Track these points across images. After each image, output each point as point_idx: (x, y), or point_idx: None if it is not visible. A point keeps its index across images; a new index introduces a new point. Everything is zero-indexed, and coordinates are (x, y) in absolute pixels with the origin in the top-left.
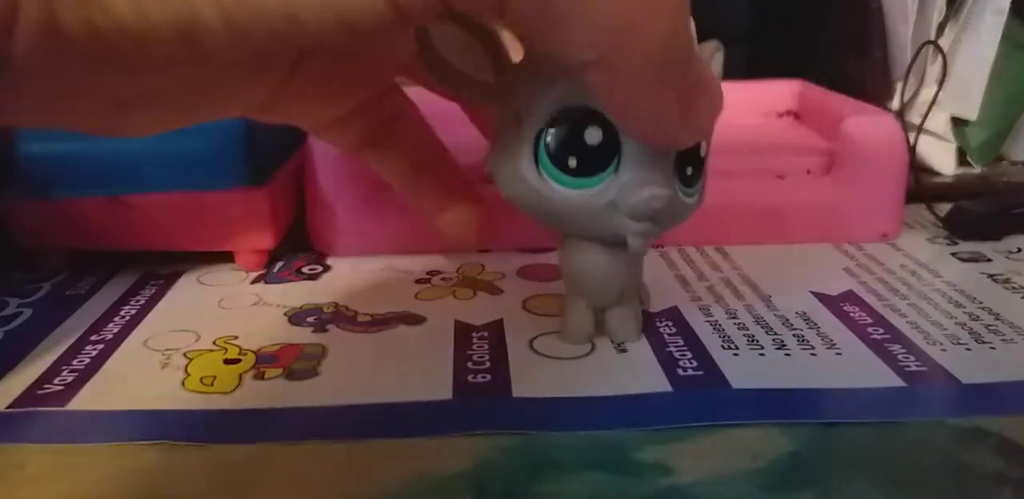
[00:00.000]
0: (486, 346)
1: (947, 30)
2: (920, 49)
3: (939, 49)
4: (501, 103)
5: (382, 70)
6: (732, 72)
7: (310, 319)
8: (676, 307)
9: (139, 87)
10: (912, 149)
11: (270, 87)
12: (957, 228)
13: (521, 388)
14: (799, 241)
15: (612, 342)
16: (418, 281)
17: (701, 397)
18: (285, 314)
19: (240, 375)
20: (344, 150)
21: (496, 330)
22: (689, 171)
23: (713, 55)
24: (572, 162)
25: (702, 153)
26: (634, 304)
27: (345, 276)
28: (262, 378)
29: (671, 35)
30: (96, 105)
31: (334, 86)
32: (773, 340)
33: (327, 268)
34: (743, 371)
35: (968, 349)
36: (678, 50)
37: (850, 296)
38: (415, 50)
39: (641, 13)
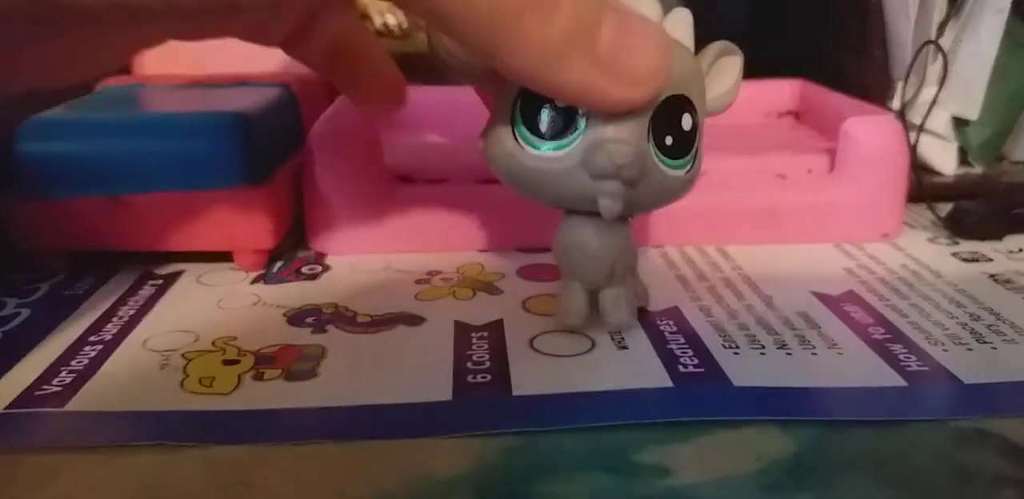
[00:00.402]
0: (486, 346)
1: (948, 29)
2: (921, 48)
3: (940, 49)
4: (498, 85)
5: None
6: None
7: (309, 320)
8: (677, 307)
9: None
10: (913, 149)
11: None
12: (958, 228)
13: (521, 388)
14: (800, 241)
15: (608, 332)
16: (418, 281)
17: (702, 392)
18: (284, 314)
19: (239, 376)
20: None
21: (496, 330)
22: (669, 141)
23: (720, 57)
24: (543, 125)
25: (684, 125)
26: (627, 286)
27: (344, 276)
28: (261, 379)
29: (566, 6)
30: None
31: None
32: (774, 340)
33: (326, 268)
34: (744, 369)
35: (969, 349)
36: (578, 19)
37: (851, 296)
38: None
39: None
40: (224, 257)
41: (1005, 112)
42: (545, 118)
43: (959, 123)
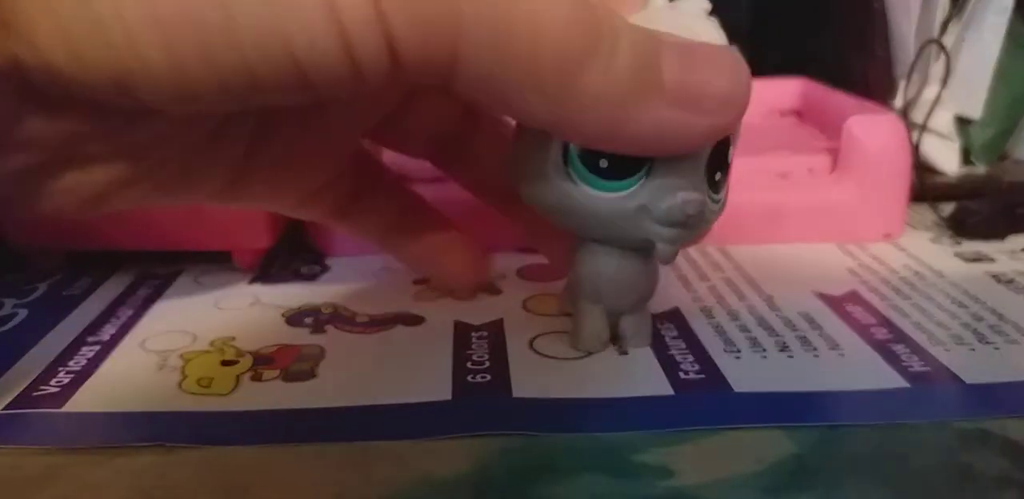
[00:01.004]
0: (486, 346)
1: (950, 29)
2: (923, 48)
3: (942, 48)
4: None
5: (345, 142)
6: None
7: (308, 320)
8: (678, 308)
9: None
10: (915, 148)
11: (230, 165)
12: (961, 228)
13: (521, 389)
14: (801, 241)
15: (616, 347)
16: (416, 281)
17: (703, 400)
18: (283, 315)
19: (237, 376)
20: (315, 220)
21: (496, 330)
22: (718, 176)
23: None
24: (603, 163)
25: (729, 158)
26: (647, 310)
27: (343, 276)
28: (259, 379)
29: (624, 47)
30: (25, 173)
31: (297, 163)
32: (775, 342)
33: (325, 268)
34: (745, 374)
35: (972, 349)
36: (639, 58)
37: (853, 296)
38: (380, 116)
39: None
40: (222, 257)
41: (1008, 111)
42: (610, 158)
43: (962, 122)
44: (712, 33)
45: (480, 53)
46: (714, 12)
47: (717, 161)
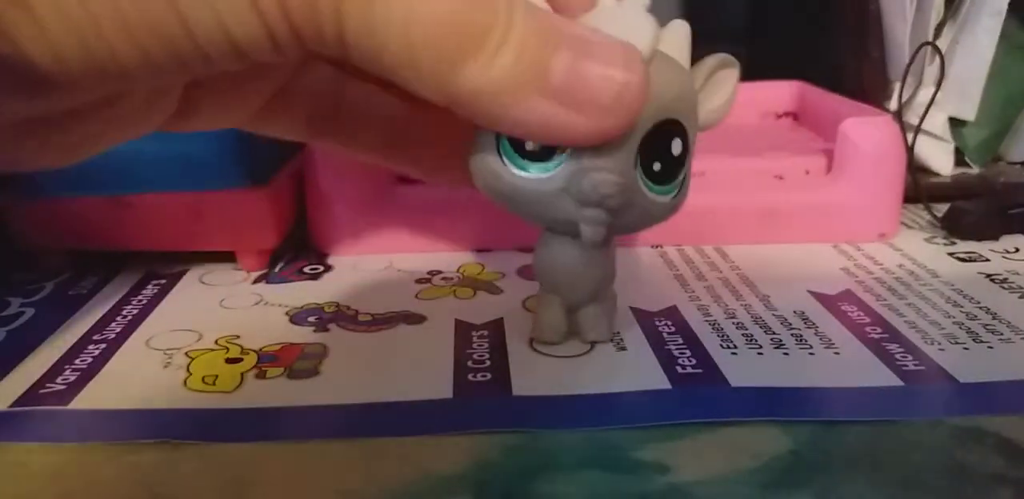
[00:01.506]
0: (486, 345)
1: (945, 31)
2: (918, 50)
3: (937, 50)
4: None
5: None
6: None
7: (311, 318)
8: (675, 306)
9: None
10: (910, 149)
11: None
12: (955, 228)
13: (521, 387)
14: (797, 241)
15: (583, 341)
16: (419, 281)
17: (700, 394)
18: (286, 313)
19: (242, 374)
20: (295, 139)
21: (496, 329)
22: (657, 167)
23: (717, 70)
24: (529, 145)
25: (673, 150)
26: (606, 302)
27: (346, 276)
28: (263, 377)
29: (512, 43)
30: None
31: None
32: (771, 339)
33: (328, 268)
34: (742, 370)
35: (966, 348)
36: (526, 55)
37: (848, 295)
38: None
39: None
40: (227, 257)
41: (1002, 113)
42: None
43: (956, 124)
44: (640, 29)
45: (360, 41)
46: (712, 15)
47: (656, 151)
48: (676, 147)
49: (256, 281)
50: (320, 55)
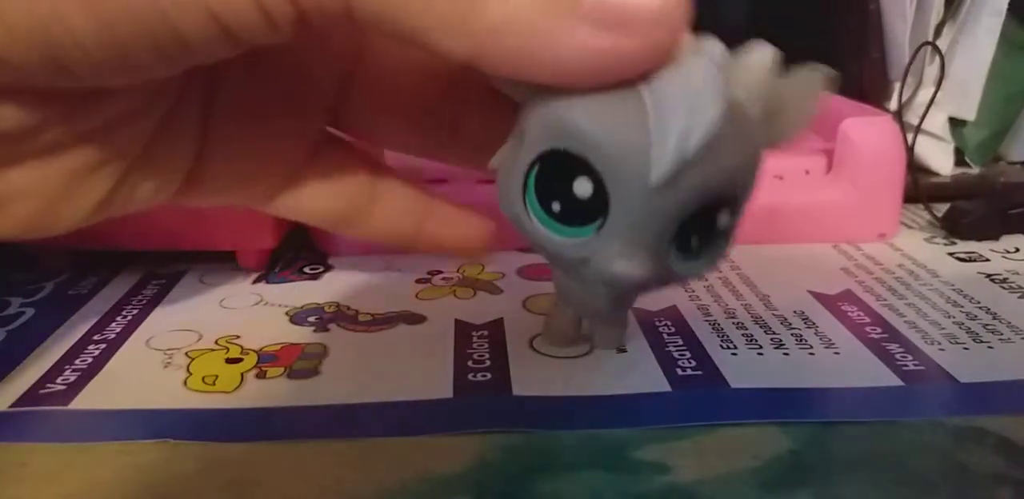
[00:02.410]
0: (486, 345)
1: (945, 31)
2: (918, 50)
3: (937, 50)
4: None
5: (302, 123)
6: None
7: (311, 318)
8: (675, 306)
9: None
10: (910, 149)
11: (188, 153)
12: (955, 228)
13: (521, 387)
14: (797, 241)
15: (594, 347)
16: (419, 281)
17: (700, 396)
18: (286, 313)
19: (242, 374)
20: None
21: (496, 329)
22: (695, 242)
23: (815, 89)
24: (556, 207)
25: (720, 225)
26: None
27: (346, 276)
28: (264, 377)
29: None
30: None
31: (254, 150)
32: (771, 339)
33: (328, 268)
34: (741, 370)
35: (966, 348)
36: None
37: (848, 295)
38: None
39: None
40: (227, 257)
41: (1002, 113)
42: (563, 204)
43: (956, 124)
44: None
45: (369, 4)
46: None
47: (695, 225)
48: (723, 222)
49: (256, 281)
50: (319, 24)
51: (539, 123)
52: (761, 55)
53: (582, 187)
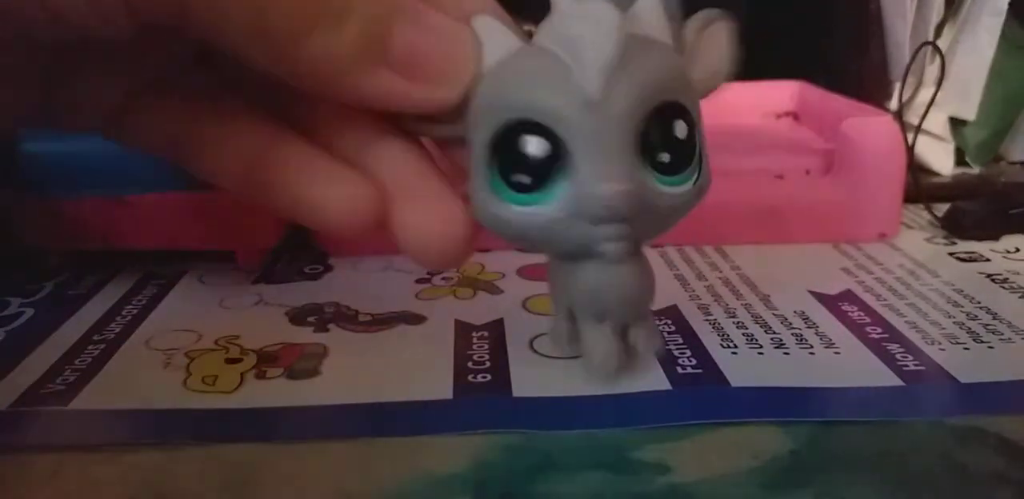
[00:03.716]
0: (486, 346)
1: (945, 31)
2: (918, 50)
3: (937, 50)
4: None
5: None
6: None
7: (311, 318)
8: (675, 305)
9: None
10: (910, 149)
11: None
12: (955, 228)
13: (521, 387)
14: (798, 241)
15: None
16: (418, 281)
17: (700, 395)
18: (286, 314)
19: (241, 374)
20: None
21: (496, 330)
22: (665, 158)
23: (704, 29)
24: (522, 178)
25: (678, 134)
26: (650, 313)
27: (346, 276)
28: (263, 377)
29: (354, 18)
30: None
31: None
32: (772, 339)
33: (328, 268)
34: (742, 369)
35: (966, 348)
36: (367, 29)
37: (848, 295)
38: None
39: None
40: (226, 257)
41: (1002, 113)
42: (523, 172)
43: (956, 124)
44: (607, 22)
45: (204, 15)
46: None
47: (659, 140)
48: (680, 130)
49: (256, 281)
50: (152, 24)
51: (475, 119)
52: (646, 1)
53: (533, 144)
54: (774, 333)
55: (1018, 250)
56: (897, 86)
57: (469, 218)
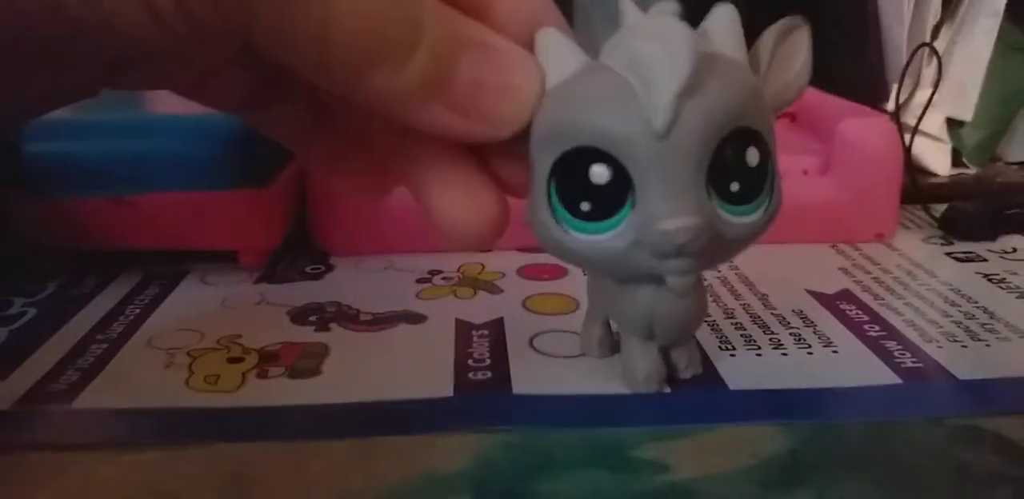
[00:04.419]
0: (487, 344)
1: (942, 32)
2: (916, 51)
3: (934, 51)
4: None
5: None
6: None
7: (312, 318)
8: None
9: None
10: (907, 150)
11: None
12: (952, 228)
13: (521, 386)
14: (795, 241)
15: (678, 377)
16: (419, 280)
17: (698, 398)
18: (288, 313)
19: (243, 374)
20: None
21: (496, 328)
22: (735, 187)
23: (784, 37)
24: (585, 206)
25: (749, 161)
26: (694, 337)
27: (347, 275)
28: (265, 377)
29: (421, 54)
30: None
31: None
32: (770, 339)
33: (329, 267)
34: (740, 372)
35: (964, 346)
36: (433, 66)
37: (846, 295)
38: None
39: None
40: (228, 257)
41: (999, 114)
42: (585, 199)
43: (953, 124)
44: (681, 43)
45: (269, 45)
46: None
47: (730, 169)
48: (752, 157)
49: (258, 281)
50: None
51: (540, 140)
52: (720, 12)
53: (598, 173)
54: (772, 333)
55: (1015, 250)
56: (894, 87)
57: (502, 202)
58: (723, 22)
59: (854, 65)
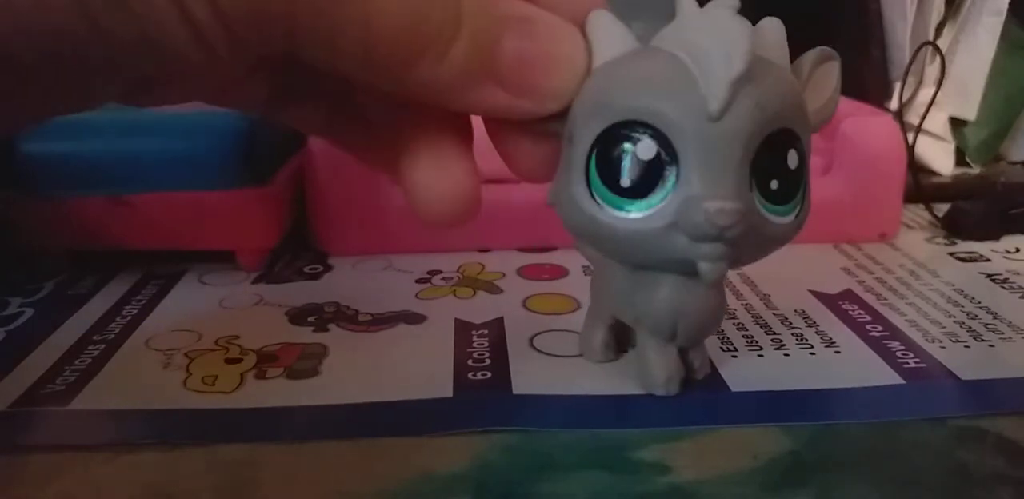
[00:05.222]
0: (486, 344)
1: (945, 31)
2: (919, 49)
3: (937, 50)
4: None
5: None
6: None
7: (311, 318)
8: None
9: None
10: (910, 149)
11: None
12: (955, 228)
13: (521, 386)
14: (797, 241)
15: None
16: (418, 281)
17: (700, 400)
18: (286, 313)
19: (241, 374)
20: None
21: (496, 328)
22: (775, 185)
23: (818, 66)
24: (625, 181)
25: (790, 163)
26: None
27: (346, 275)
28: (263, 377)
29: (463, 37)
30: None
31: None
32: (772, 340)
33: (328, 268)
34: (742, 373)
35: (967, 346)
36: (476, 47)
37: (849, 295)
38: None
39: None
40: (226, 257)
41: (1002, 113)
42: (627, 174)
43: (956, 124)
44: (740, 37)
45: (312, 45)
46: None
47: (772, 167)
48: (792, 159)
49: (256, 281)
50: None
51: (585, 113)
52: (770, 22)
53: (645, 148)
54: (774, 334)
55: (1018, 250)
56: (897, 86)
57: (476, 179)
58: (772, 32)
59: (857, 63)
